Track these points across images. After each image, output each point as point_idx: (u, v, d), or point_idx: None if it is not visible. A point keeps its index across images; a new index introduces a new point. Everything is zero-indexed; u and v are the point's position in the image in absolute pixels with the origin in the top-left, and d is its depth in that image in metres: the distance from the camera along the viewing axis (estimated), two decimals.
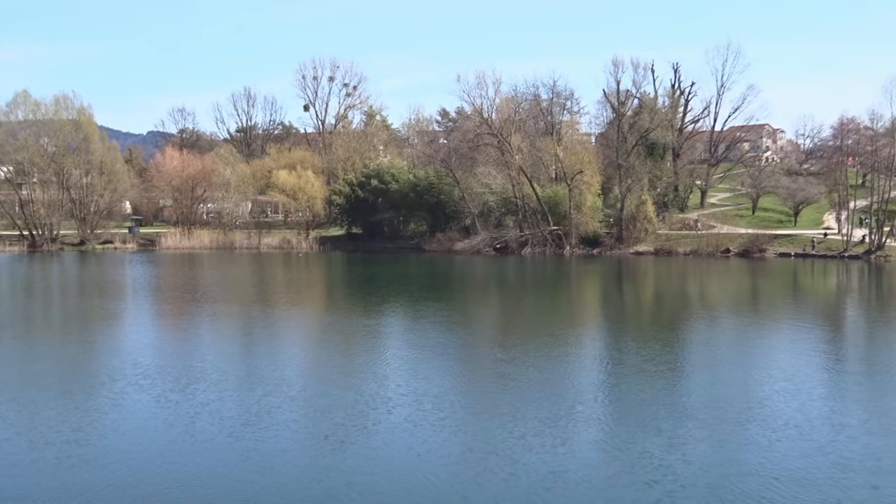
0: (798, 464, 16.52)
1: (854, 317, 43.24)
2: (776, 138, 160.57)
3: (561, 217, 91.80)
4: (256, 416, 20.49)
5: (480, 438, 18.47)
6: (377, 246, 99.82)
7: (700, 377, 25.84)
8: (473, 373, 26.56)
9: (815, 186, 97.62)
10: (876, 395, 23.06)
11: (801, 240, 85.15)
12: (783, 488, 15.16)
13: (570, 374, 25.74)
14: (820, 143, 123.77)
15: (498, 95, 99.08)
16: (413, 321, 39.53)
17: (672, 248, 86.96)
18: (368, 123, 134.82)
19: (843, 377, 26.05)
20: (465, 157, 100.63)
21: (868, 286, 60.20)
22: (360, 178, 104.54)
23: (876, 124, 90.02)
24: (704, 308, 46.39)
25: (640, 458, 16.90)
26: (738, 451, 17.43)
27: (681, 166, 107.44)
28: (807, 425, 19.26)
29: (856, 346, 33.48)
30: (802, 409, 20.82)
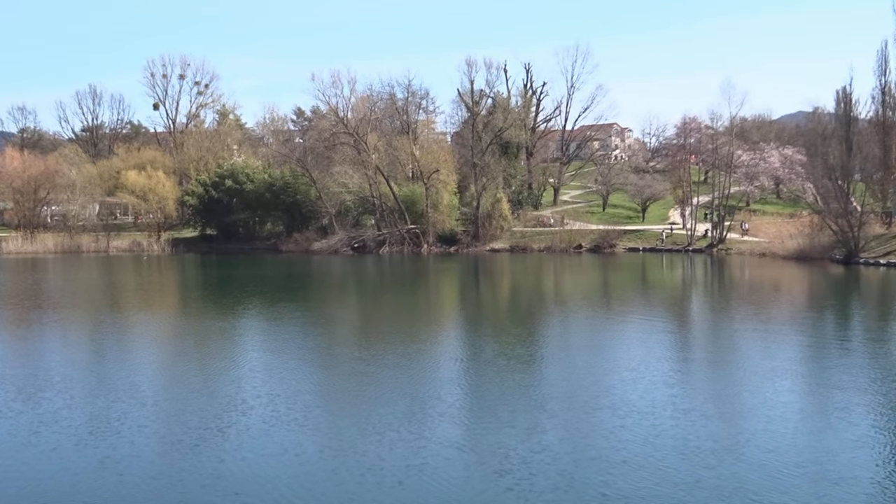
0: (642, 448, 17.15)
1: (698, 307, 45.22)
2: (624, 137, 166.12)
3: (418, 216, 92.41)
4: (106, 422, 19.80)
5: (336, 437, 18.40)
6: (232, 247, 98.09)
7: (552, 369, 26.50)
8: (330, 372, 26.44)
9: (661, 183, 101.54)
10: (716, 382, 24.16)
11: (648, 235, 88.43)
12: (628, 471, 15.73)
13: (428, 371, 25.94)
14: (665, 142, 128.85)
15: (353, 94, 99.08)
16: (268, 322, 39.03)
17: (527, 244, 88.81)
18: (221, 122, 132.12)
19: (687, 365, 27.23)
20: (322, 157, 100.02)
21: (711, 278, 63.05)
22: (214, 179, 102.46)
23: (716, 123, 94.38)
24: (558, 302, 47.60)
25: (493, 449, 17.19)
26: (586, 437, 17.97)
27: (534, 165, 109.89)
28: (650, 411, 20.02)
29: (699, 335, 35.02)
30: (647, 395, 21.63)
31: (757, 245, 79.47)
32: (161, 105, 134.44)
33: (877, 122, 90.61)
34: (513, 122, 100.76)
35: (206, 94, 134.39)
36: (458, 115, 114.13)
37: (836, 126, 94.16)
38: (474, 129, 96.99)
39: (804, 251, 71.06)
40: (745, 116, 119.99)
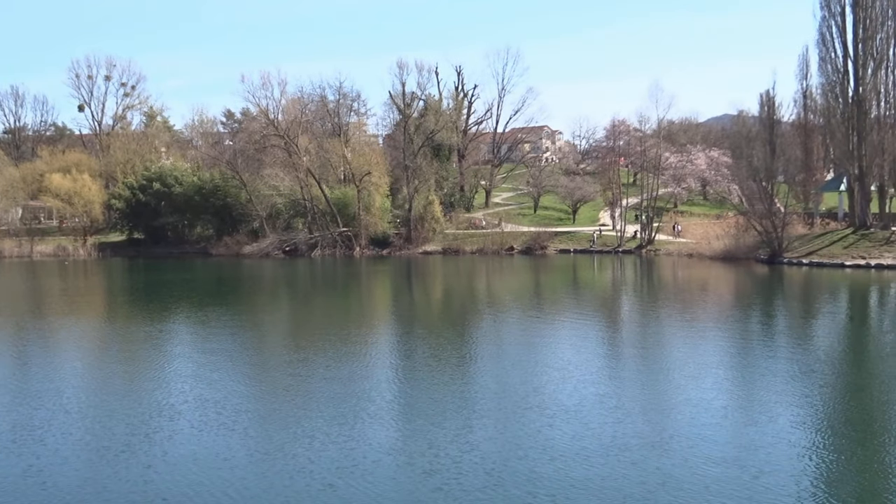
0: (569, 445, 17.40)
1: (627, 308, 45.89)
2: (555, 139, 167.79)
3: (350, 218, 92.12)
4: (30, 430, 19.38)
5: (266, 440, 18.29)
6: (161, 251, 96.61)
7: (483, 370, 26.68)
8: (261, 376, 26.24)
9: (591, 185, 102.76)
10: (643, 380, 24.58)
11: (579, 236, 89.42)
12: (556, 468, 15.94)
13: (359, 373, 25.91)
14: (595, 144, 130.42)
15: (284, 96, 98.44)
16: (197, 327, 38.52)
17: (459, 247, 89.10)
18: (149, 125, 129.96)
19: (615, 364, 27.67)
20: (252, 159, 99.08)
21: (640, 279, 64.01)
22: (142, 182, 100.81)
23: (644, 126, 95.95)
24: (489, 304, 47.88)
25: (423, 450, 17.27)
26: (515, 437, 18.14)
27: (466, 167, 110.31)
28: (578, 409, 20.30)
29: (628, 334, 35.55)
30: (575, 394, 21.93)
31: (685, 246, 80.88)
32: (86, 107, 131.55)
33: (799, 125, 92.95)
34: (444, 124, 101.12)
35: (132, 96, 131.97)
36: (389, 118, 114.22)
37: (760, 129, 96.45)
38: (406, 132, 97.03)
39: (730, 251, 72.54)
40: (673, 119, 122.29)
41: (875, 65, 72.28)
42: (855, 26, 72.12)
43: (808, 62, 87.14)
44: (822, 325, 37.25)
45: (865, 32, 71.56)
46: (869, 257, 63.57)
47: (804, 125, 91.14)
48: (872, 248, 65.37)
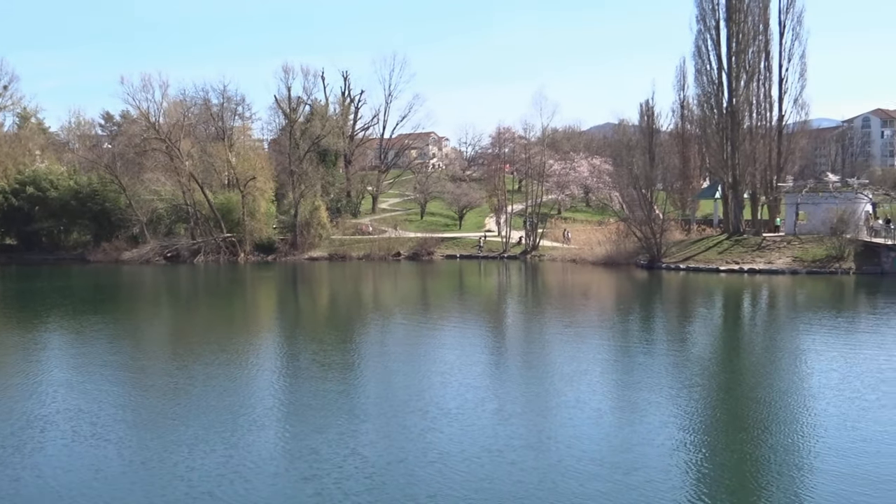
0: (450, 448, 17.60)
1: (511, 312, 46.48)
2: (441, 146, 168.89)
3: (234, 224, 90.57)
4: None
5: (144, 450, 17.87)
6: (34, 258, 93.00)
7: (366, 375, 26.67)
8: (138, 386, 25.55)
9: (477, 192, 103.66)
10: (524, 383, 25.00)
11: (465, 242, 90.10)
12: (436, 470, 16.12)
13: (241, 381, 25.54)
14: (480, 151, 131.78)
15: (165, 99, 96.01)
16: (72, 336, 37.26)
17: (346, 252, 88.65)
18: (22, 126, 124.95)
19: (497, 368, 28.04)
20: (132, 163, 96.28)
21: (524, 284, 64.93)
22: (14, 186, 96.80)
23: (529, 134, 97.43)
24: (375, 310, 47.83)
25: (304, 456, 17.17)
26: (396, 440, 18.21)
27: (353, 172, 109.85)
28: (459, 413, 20.52)
29: (511, 339, 36.02)
30: (457, 398, 22.15)
31: (568, 251, 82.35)
32: None
33: (677, 135, 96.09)
34: (331, 129, 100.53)
35: (4, 96, 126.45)
36: (275, 122, 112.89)
37: (640, 138, 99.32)
38: (292, 137, 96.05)
39: (612, 257, 74.22)
40: (557, 127, 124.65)
41: (747, 77, 75.20)
42: (728, 40, 74.87)
43: (685, 74, 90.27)
44: (696, 328, 38.53)
45: (738, 46, 74.36)
46: (742, 262, 65.99)
47: (682, 135, 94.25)
48: (745, 254, 67.90)
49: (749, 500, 14.94)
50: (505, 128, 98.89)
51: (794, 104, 78.98)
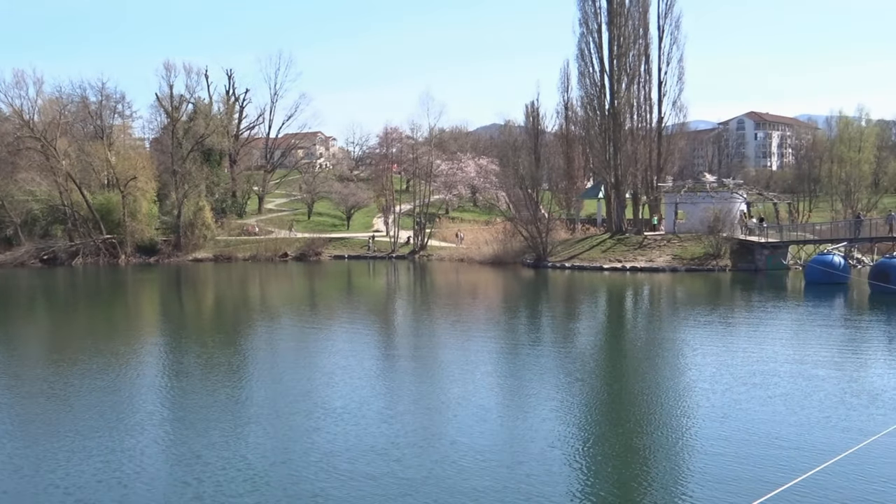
0: (335, 446, 17.49)
1: (399, 312, 46.46)
2: (328, 146, 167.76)
3: (115, 225, 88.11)
4: None
5: (17, 457, 17.14)
6: None
7: (253, 376, 26.24)
8: (13, 393, 24.47)
9: (364, 192, 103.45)
10: (412, 383, 25.03)
11: (353, 242, 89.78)
12: (320, 469, 15.96)
13: (121, 385, 24.78)
14: (368, 151, 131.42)
15: (40, 96, 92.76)
16: None
17: (231, 253, 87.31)
18: None
19: (385, 368, 27.97)
20: (5, 162, 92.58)
21: (412, 283, 65.06)
22: None
23: (416, 134, 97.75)
24: (262, 311, 47.15)
25: (187, 459, 16.80)
26: (281, 442, 17.98)
27: (238, 172, 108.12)
28: (344, 412, 20.41)
29: (399, 338, 35.99)
30: (344, 398, 22.01)
31: (456, 251, 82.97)
32: None
33: (561, 136, 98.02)
34: (215, 128, 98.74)
35: None
36: (157, 121, 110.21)
37: (525, 138, 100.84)
38: (174, 136, 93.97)
39: (499, 256, 75.11)
40: (444, 128, 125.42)
41: (628, 80, 77.25)
42: (610, 43, 76.74)
43: (568, 76, 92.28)
44: (580, 326, 39.27)
45: (619, 49, 76.29)
46: (624, 260, 67.64)
47: (566, 135, 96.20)
48: (627, 252, 69.62)
49: (625, 489, 15.28)
50: (392, 128, 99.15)
51: (672, 106, 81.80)
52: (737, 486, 14.62)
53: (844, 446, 15.95)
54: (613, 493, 15.13)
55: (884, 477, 14.97)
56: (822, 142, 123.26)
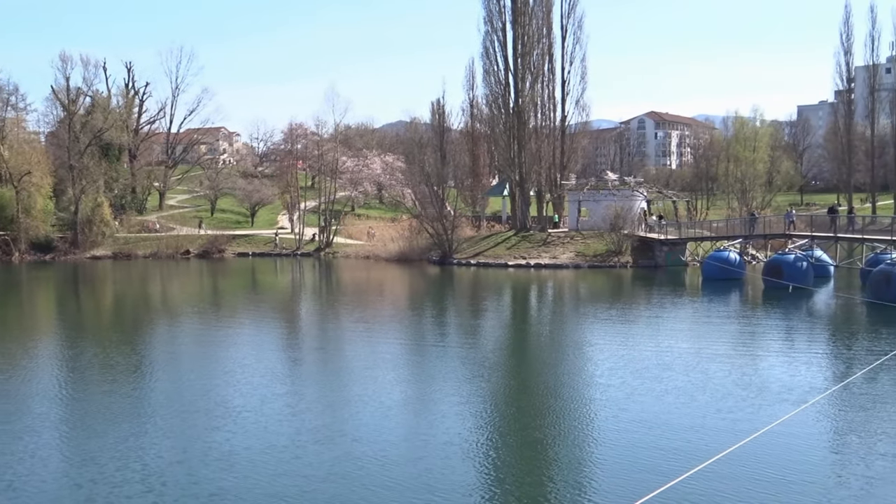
0: (232, 445, 17.37)
1: (304, 310, 46.13)
2: (232, 141, 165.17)
3: (8, 221, 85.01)
4: None
5: None
6: None
7: (153, 376, 25.81)
8: None
9: (269, 188, 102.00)
10: (315, 379, 24.93)
11: (258, 239, 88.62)
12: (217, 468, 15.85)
13: (16, 386, 24.03)
14: (273, 147, 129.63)
15: None
16: None
17: (131, 251, 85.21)
18: None
19: (289, 365, 27.80)
20: None
21: (318, 281, 64.64)
22: None
23: (321, 130, 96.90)
24: (163, 310, 46.24)
25: (80, 461, 16.46)
26: (178, 441, 17.75)
27: (138, 168, 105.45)
28: (244, 410, 20.26)
29: (304, 336, 35.80)
30: (245, 395, 21.83)
31: (361, 248, 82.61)
32: None
33: (467, 133, 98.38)
34: (114, 122, 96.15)
35: None
36: (52, 114, 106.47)
37: (431, 136, 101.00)
38: (71, 130, 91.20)
39: (405, 253, 75.03)
40: (350, 124, 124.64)
41: (532, 78, 78.03)
42: (514, 42, 77.38)
43: (474, 74, 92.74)
44: (485, 322, 39.60)
45: (524, 48, 76.99)
46: (529, 257, 68.34)
47: (472, 133, 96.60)
48: (532, 249, 70.36)
49: (522, 481, 15.51)
50: (297, 124, 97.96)
51: (575, 105, 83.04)
52: (627, 481, 14.96)
53: (733, 440, 16.35)
54: (511, 484, 15.36)
55: (769, 470, 15.46)
56: (718, 141, 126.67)
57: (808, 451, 16.67)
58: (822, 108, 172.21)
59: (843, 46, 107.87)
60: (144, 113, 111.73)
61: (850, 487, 14.64)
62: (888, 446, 16.79)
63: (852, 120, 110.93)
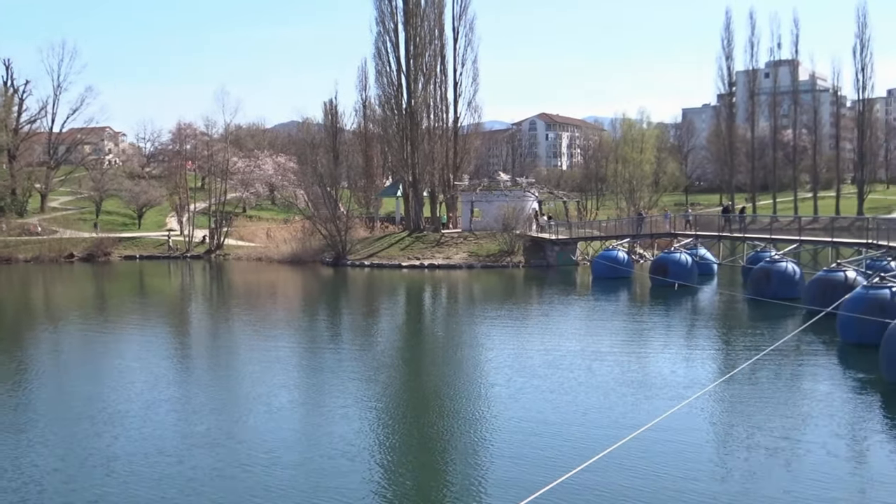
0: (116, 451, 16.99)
1: (195, 312, 45.21)
2: (118, 141, 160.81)
3: None
4: None
5: None
6: None
7: (34, 383, 24.99)
8: None
9: (157, 189, 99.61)
10: (205, 383, 24.52)
11: (146, 242, 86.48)
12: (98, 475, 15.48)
13: None
14: (160, 148, 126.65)
15: None
16: None
17: (11, 255, 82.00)
18: None
19: (177, 369, 27.24)
20: None
21: (209, 283, 63.50)
22: None
23: (211, 130, 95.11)
24: (49, 315, 44.65)
25: None
26: (59, 447, 17.28)
27: (18, 169, 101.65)
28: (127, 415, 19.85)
29: (195, 339, 35.10)
30: (131, 400, 21.33)
31: (254, 250, 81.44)
32: None
33: (360, 134, 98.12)
34: None
35: None
36: None
37: (324, 136, 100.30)
38: None
39: (298, 255, 74.31)
40: (240, 124, 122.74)
41: (424, 79, 78.28)
42: (407, 43, 77.47)
43: (366, 74, 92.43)
44: (378, 324, 39.59)
45: (416, 49, 77.16)
46: (423, 258, 68.54)
47: (365, 134, 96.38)
48: (425, 250, 70.59)
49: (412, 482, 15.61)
50: (186, 124, 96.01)
51: (468, 107, 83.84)
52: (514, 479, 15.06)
53: (617, 436, 16.26)
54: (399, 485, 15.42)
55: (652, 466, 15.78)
56: (607, 143, 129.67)
57: (691, 446, 17.13)
58: (705, 111, 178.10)
59: (725, 51, 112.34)
60: (24, 112, 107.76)
61: (732, 480, 15.10)
62: (768, 439, 17.40)
63: (734, 122, 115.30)
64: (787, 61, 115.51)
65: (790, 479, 14.96)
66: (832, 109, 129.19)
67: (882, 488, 14.45)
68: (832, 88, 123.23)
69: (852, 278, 34.14)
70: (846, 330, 27.95)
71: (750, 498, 14.15)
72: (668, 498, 14.11)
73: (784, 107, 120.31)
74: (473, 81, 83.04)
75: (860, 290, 28.98)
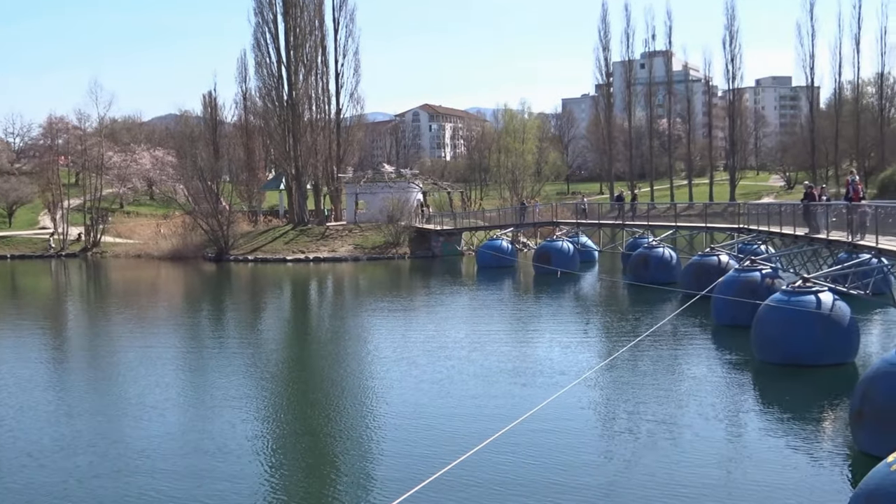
0: None
1: (72, 313, 43.65)
2: None
3: None
4: None
5: None
6: None
7: None
8: None
9: (28, 186, 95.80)
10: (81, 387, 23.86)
11: (17, 241, 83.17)
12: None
13: None
14: (31, 143, 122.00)
15: None
16: None
17: None
18: None
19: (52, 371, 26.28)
20: None
21: (86, 282, 61.54)
22: None
23: (84, 124, 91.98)
24: None
25: None
26: None
27: None
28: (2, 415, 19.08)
29: (72, 341, 33.95)
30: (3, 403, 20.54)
31: (132, 247, 79.19)
32: None
33: (241, 127, 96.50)
34: None
35: None
36: None
37: (204, 129, 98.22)
38: None
39: (179, 251, 72.64)
40: (115, 117, 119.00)
41: (305, 71, 77.49)
42: (286, 34, 76.49)
43: (246, 66, 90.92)
44: (262, 319, 39.06)
45: (296, 40, 76.25)
46: (308, 251, 67.93)
47: (245, 126, 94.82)
48: (310, 243, 69.98)
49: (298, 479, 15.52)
50: (58, 118, 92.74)
51: (350, 98, 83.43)
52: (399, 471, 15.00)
53: (502, 424, 15.86)
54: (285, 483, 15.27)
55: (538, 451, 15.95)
56: (490, 133, 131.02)
57: (576, 430, 17.41)
58: (584, 101, 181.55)
59: (602, 43, 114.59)
60: None
61: (617, 460, 15.43)
62: (645, 424, 17.74)
63: (612, 112, 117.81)
64: (662, 52, 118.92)
65: (665, 463, 15.14)
66: (704, 99, 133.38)
67: (755, 467, 14.92)
68: (704, 79, 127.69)
69: (725, 262, 35.39)
70: (719, 312, 28.94)
71: (623, 486, 14.21)
72: (544, 488, 14.06)
73: (659, 97, 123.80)
74: (355, 73, 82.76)
75: (732, 273, 30.04)
